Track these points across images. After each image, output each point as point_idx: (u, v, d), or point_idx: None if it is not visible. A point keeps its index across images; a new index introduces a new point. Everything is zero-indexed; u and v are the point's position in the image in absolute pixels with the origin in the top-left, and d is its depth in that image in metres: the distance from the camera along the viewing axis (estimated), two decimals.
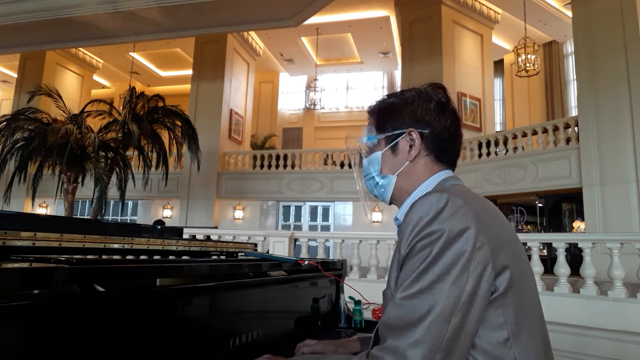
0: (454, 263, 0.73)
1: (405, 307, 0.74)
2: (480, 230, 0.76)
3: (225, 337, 1.10)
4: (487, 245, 0.75)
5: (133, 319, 0.86)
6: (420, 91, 0.98)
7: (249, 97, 13.86)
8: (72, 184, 8.82)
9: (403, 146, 0.95)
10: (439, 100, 0.96)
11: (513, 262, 0.79)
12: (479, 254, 0.74)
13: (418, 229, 0.77)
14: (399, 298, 0.75)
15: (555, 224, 9.85)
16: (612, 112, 7.33)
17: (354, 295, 1.70)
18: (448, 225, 0.75)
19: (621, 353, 4.03)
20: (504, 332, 0.76)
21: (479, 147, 9.49)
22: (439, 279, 0.73)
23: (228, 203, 12.30)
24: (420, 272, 0.74)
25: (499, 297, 0.76)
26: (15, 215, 1.44)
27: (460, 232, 0.75)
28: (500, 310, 0.76)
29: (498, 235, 0.79)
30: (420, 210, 0.79)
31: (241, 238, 6.80)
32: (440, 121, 0.94)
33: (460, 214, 0.77)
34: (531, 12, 10.83)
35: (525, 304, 0.81)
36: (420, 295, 0.73)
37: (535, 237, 5.23)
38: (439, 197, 0.79)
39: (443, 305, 0.71)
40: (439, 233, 0.75)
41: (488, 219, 0.80)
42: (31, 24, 9.89)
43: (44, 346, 0.69)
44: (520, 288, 0.79)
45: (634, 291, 4.35)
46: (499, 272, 0.77)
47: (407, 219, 0.80)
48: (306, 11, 9.26)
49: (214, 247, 1.92)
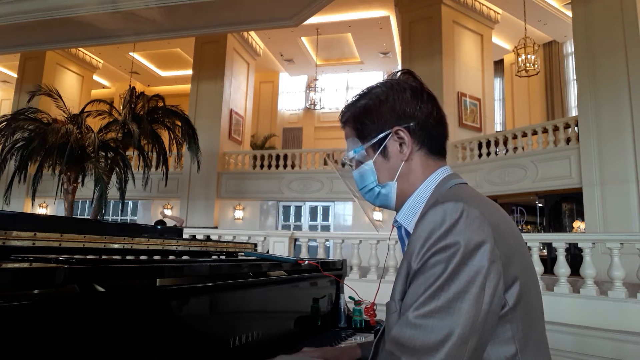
0: (473, 280, 0.69)
1: (420, 327, 0.69)
2: (495, 243, 0.71)
3: (225, 337, 1.10)
4: (500, 259, 0.71)
5: (133, 319, 0.86)
6: (389, 84, 0.91)
7: (249, 97, 13.87)
8: (72, 184, 8.83)
9: (393, 148, 0.89)
10: (411, 86, 0.90)
11: (522, 272, 0.76)
12: (494, 268, 0.70)
13: (432, 241, 0.72)
14: (414, 316, 0.70)
15: (555, 224, 9.85)
16: (612, 112, 7.34)
17: (354, 295, 1.70)
18: (464, 238, 0.70)
19: (621, 353, 4.03)
20: (512, 347, 0.73)
21: (479, 147, 9.49)
22: (457, 298, 0.68)
23: (228, 203, 12.30)
24: (437, 289, 0.69)
25: (509, 311, 0.73)
26: (15, 215, 1.44)
27: (477, 246, 0.70)
28: (508, 325, 0.73)
29: (510, 245, 0.75)
30: (433, 222, 0.73)
31: (241, 238, 6.80)
32: (422, 109, 0.88)
33: (477, 226, 0.71)
34: (531, 12, 10.83)
35: (532, 315, 0.78)
36: (437, 315, 0.68)
37: (535, 237, 5.23)
38: (453, 206, 0.73)
39: (462, 327, 0.67)
40: (456, 247, 0.70)
41: (501, 228, 0.75)
42: (31, 24, 9.89)
43: (44, 346, 0.69)
44: (528, 298, 0.76)
45: (634, 291, 4.34)
46: (509, 285, 0.73)
47: (419, 230, 0.75)
48: (306, 11, 9.26)
49: (214, 247, 1.92)
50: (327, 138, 16.28)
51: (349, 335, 1.58)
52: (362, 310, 1.68)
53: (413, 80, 0.92)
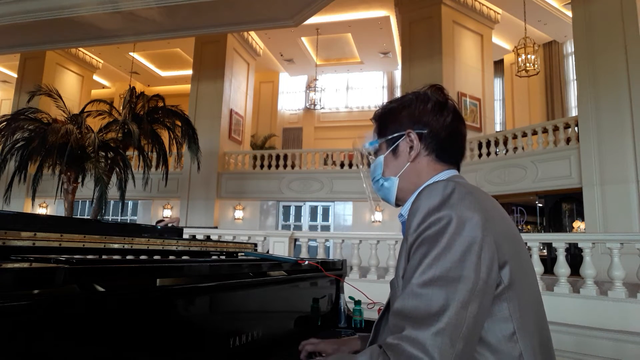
0: (468, 249, 0.73)
1: (421, 296, 0.72)
2: (486, 219, 0.76)
3: (225, 337, 1.10)
4: (492, 236, 0.75)
5: (133, 319, 0.86)
6: (418, 93, 1.00)
7: (249, 97, 13.86)
8: (72, 184, 8.82)
9: (403, 148, 0.97)
10: (437, 100, 0.98)
11: (513, 258, 0.79)
12: (487, 240, 0.74)
13: (425, 214, 0.77)
14: (414, 285, 0.73)
15: (555, 224, 9.85)
16: (612, 112, 7.34)
17: (356, 295, 1.70)
18: (457, 210, 0.75)
19: (621, 353, 4.03)
20: (510, 326, 0.76)
21: (479, 147, 9.49)
22: (454, 266, 0.72)
23: (228, 203, 12.30)
24: (434, 259, 0.73)
25: (505, 289, 0.76)
26: (15, 215, 1.43)
27: (469, 218, 0.75)
28: (505, 303, 0.76)
29: (500, 229, 0.79)
30: (427, 198, 0.79)
31: (241, 238, 6.80)
32: (438, 120, 0.95)
33: (468, 201, 0.77)
34: (531, 12, 10.83)
35: (528, 300, 0.81)
36: (437, 282, 0.72)
37: (535, 237, 5.23)
38: (445, 184, 0.80)
39: (462, 293, 0.71)
40: (448, 218, 0.75)
41: (492, 212, 0.80)
42: (31, 24, 9.89)
43: (45, 346, 0.69)
44: (522, 284, 0.79)
45: (634, 291, 4.35)
46: (502, 265, 0.77)
47: (414, 206, 0.80)
48: (306, 11, 9.26)
49: (214, 247, 1.92)
50: (327, 138, 16.29)
51: (349, 335, 1.58)
52: (362, 310, 1.69)
53: (440, 95, 0.99)
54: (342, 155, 11.87)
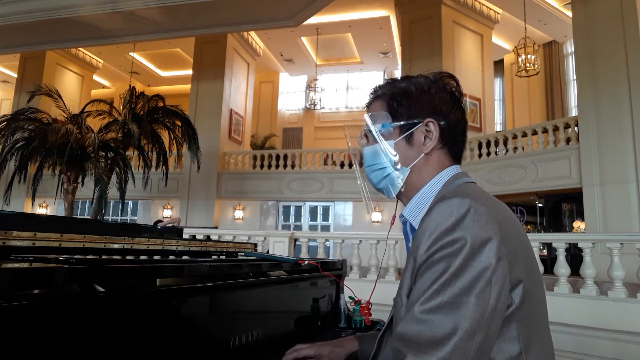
0: (479, 276, 0.68)
1: (426, 322, 0.68)
2: (502, 241, 0.71)
3: (225, 337, 1.10)
4: (506, 257, 0.71)
5: (133, 319, 0.86)
6: (434, 78, 0.91)
7: (249, 97, 13.87)
8: (72, 184, 8.82)
9: (418, 137, 0.88)
10: (452, 91, 0.91)
11: (526, 275, 0.75)
12: (500, 265, 0.69)
13: (437, 235, 0.71)
14: (419, 311, 0.69)
15: (555, 224, 9.85)
16: (612, 112, 7.33)
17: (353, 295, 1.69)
18: (471, 233, 0.69)
19: (621, 353, 4.03)
20: (517, 346, 0.73)
21: (479, 147, 9.49)
22: (463, 293, 0.67)
23: (228, 203, 12.30)
24: (442, 284, 0.68)
25: (515, 310, 0.73)
26: (15, 215, 1.44)
27: (484, 242, 0.69)
28: (513, 324, 0.73)
29: (516, 245, 0.74)
30: (439, 216, 0.72)
31: (241, 238, 6.80)
32: (455, 114, 0.89)
33: (484, 222, 0.71)
34: (531, 12, 10.83)
35: (537, 315, 0.78)
36: (443, 310, 0.67)
37: (535, 237, 5.23)
38: (460, 202, 0.72)
39: (469, 322, 0.66)
40: (462, 242, 0.69)
41: (507, 227, 0.75)
42: (31, 24, 9.89)
43: (44, 346, 0.69)
44: (532, 298, 0.76)
45: (634, 291, 4.35)
46: (514, 285, 0.72)
47: (425, 224, 0.74)
48: (306, 11, 9.26)
49: (214, 247, 1.92)
50: (327, 138, 16.28)
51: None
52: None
53: (456, 88, 0.92)
54: (342, 155, 11.86)
